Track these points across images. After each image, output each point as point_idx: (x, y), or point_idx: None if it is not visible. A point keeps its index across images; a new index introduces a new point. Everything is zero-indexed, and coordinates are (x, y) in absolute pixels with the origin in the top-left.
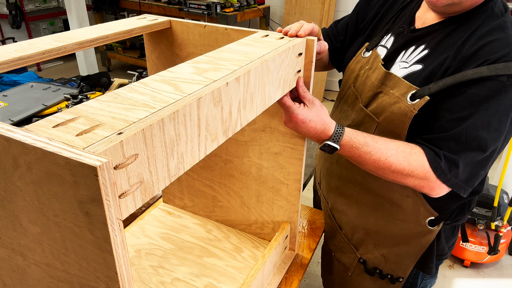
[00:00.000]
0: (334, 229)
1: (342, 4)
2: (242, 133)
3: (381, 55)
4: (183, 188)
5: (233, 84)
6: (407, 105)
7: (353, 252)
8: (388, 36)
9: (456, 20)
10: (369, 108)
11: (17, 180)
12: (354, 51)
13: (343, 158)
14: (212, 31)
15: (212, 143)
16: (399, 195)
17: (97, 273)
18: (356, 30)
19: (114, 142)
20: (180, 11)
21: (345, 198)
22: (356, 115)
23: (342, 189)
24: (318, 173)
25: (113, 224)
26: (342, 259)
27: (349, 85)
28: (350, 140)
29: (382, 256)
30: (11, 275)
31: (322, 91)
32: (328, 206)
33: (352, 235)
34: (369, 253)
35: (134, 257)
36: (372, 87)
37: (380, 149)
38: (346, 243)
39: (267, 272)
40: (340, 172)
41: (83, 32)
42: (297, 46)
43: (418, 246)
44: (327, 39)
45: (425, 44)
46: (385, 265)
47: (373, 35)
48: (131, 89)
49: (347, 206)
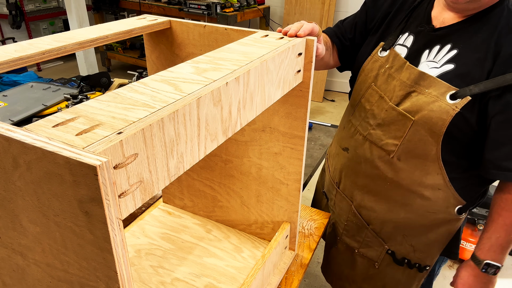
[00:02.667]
0: (359, 226)
1: (342, 4)
2: (242, 133)
3: (401, 54)
4: (183, 188)
5: (232, 84)
6: (447, 104)
7: (380, 245)
8: (405, 35)
9: (476, 19)
10: (402, 107)
11: (17, 180)
12: (368, 51)
13: (372, 157)
14: (212, 31)
15: (212, 143)
16: (431, 189)
17: (97, 273)
18: (366, 29)
19: (114, 141)
20: (180, 11)
21: (373, 195)
22: (386, 114)
23: (370, 187)
24: (337, 173)
25: (113, 223)
26: (368, 253)
27: (369, 84)
28: (502, 252)
29: (411, 246)
30: (11, 275)
31: (322, 91)
32: (352, 205)
33: (381, 229)
34: (397, 244)
35: (134, 257)
36: (404, 86)
37: None
38: (374, 237)
39: (267, 272)
40: (369, 170)
41: (83, 32)
42: (296, 46)
43: (446, 234)
44: (335, 37)
45: (450, 43)
46: (414, 254)
47: (386, 34)
48: (131, 89)
49: (375, 203)
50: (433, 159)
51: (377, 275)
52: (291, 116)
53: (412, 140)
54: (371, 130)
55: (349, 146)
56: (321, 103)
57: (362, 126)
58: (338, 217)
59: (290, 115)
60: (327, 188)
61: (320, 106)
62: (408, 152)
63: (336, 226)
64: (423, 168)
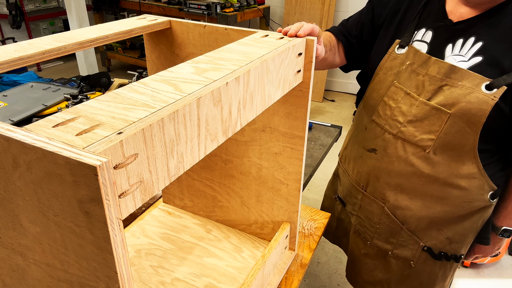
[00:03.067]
0: (393, 227)
1: (342, 4)
2: (242, 133)
3: (422, 49)
4: (183, 188)
5: (233, 84)
6: (485, 94)
7: (416, 243)
8: (422, 31)
9: (494, 12)
10: (434, 101)
11: (17, 180)
12: (383, 49)
13: (405, 154)
14: (212, 31)
15: (212, 143)
16: (467, 179)
17: (97, 273)
18: (373, 26)
19: (114, 141)
20: (180, 11)
21: (407, 194)
22: (418, 109)
23: (404, 185)
24: (363, 176)
25: (113, 223)
26: (402, 253)
27: (390, 82)
28: None
29: (447, 238)
30: (11, 275)
31: (322, 91)
32: (385, 206)
33: (416, 226)
34: (433, 239)
35: (134, 257)
36: (434, 80)
37: None
38: (409, 236)
39: (267, 272)
40: (403, 169)
41: (83, 32)
42: (296, 46)
43: (480, 220)
44: (341, 35)
45: (474, 36)
46: (450, 246)
47: (400, 31)
48: (131, 89)
49: (410, 201)
50: (469, 149)
51: (414, 273)
52: (291, 116)
53: (449, 133)
54: (402, 127)
55: (377, 146)
56: (321, 103)
57: (391, 125)
58: (366, 221)
59: (290, 115)
60: (346, 193)
61: (320, 106)
62: (444, 145)
63: (364, 231)
64: (458, 159)
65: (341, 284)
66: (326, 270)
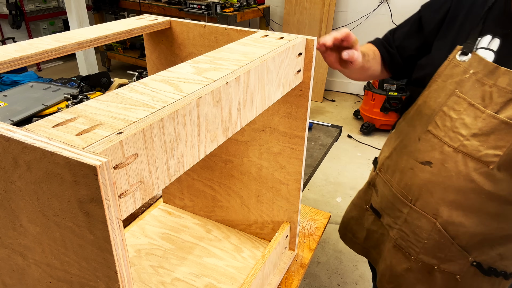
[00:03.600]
0: (443, 243)
1: (342, 4)
2: (242, 133)
3: (487, 57)
4: (183, 188)
5: (233, 84)
6: None
7: (465, 258)
8: (487, 38)
9: None
10: (503, 115)
11: (17, 180)
12: (442, 55)
13: (466, 170)
14: (212, 31)
15: (212, 143)
16: None
17: (97, 273)
18: (420, 35)
19: (114, 141)
20: (180, 11)
21: (462, 210)
22: (484, 123)
23: (460, 201)
24: (414, 189)
25: (113, 223)
26: (449, 268)
27: (451, 91)
28: None
29: (499, 254)
30: (11, 275)
31: (322, 91)
32: (437, 222)
33: (467, 242)
34: (483, 254)
35: (134, 257)
36: (504, 92)
37: None
38: (458, 251)
39: (267, 272)
40: (462, 184)
41: (83, 32)
42: (297, 46)
43: None
44: (381, 46)
45: None
46: (500, 262)
47: (460, 37)
48: (131, 89)
49: (465, 218)
50: None
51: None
52: (291, 116)
53: None
54: (465, 141)
55: (433, 159)
56: (321, 103)
57: (451, 137)
58: (412, 236)
59: (290, 115)
60: (386, 205)
61: (320, 106)
62: (511, 161)
63: (408, 245)
64: None
65: (341, 284)
66: (326, 270)
